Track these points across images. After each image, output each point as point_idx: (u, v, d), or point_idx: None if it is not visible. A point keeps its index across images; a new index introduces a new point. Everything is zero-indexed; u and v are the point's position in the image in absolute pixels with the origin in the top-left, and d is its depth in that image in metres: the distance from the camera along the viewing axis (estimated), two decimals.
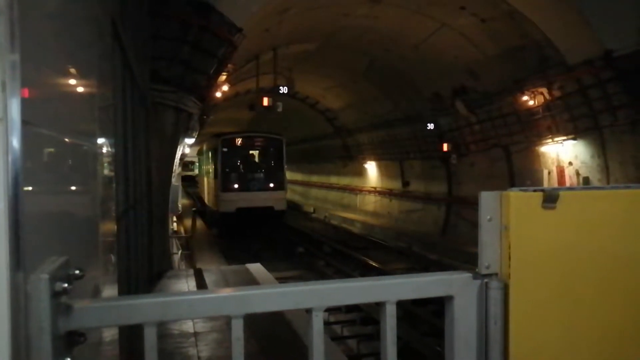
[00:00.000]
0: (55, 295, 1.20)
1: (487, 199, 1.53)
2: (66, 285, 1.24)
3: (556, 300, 1.55)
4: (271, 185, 23.61)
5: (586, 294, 1.58)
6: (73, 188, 2.03)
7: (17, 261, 1.08)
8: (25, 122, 1.14)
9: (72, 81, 2.10)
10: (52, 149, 1.64)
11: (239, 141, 24.20)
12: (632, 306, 1.61)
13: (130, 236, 4.75)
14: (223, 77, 15.10)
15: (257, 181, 23.43)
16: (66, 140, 1.89)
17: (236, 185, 23.10)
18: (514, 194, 1.51)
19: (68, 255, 1.41)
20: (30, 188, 1.29)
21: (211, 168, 25.49)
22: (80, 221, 2.09)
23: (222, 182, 22.95)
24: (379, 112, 23.87)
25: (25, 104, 1.14)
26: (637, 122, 12.55)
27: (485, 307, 1.52)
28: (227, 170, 23.36)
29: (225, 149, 23.57)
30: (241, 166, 23.94)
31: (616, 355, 1.61)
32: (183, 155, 19.44)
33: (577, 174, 14.32)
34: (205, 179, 30.38)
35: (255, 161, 24.68)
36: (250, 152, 24.70)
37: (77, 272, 1.36)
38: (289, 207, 27.52)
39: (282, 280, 13.07)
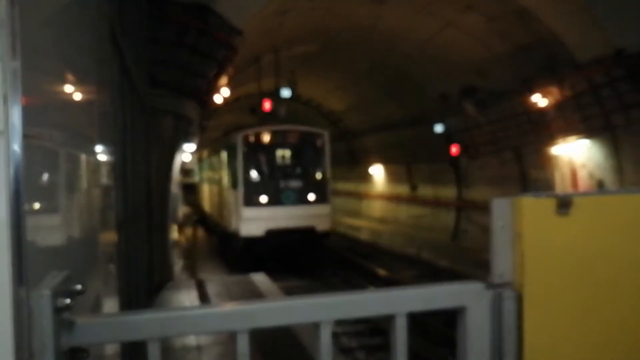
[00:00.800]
0: (58, 311, 1.21)
1: (499, 206, 1.51)
2: (68, 301, 1.24)
3: (572, 310, 1.52)
4: (311, 197, 17.52)
5: (603, 302, 1.54)
6: (74, 200, 2.01)
7: (20, 276, 1.08)
8: (26, 134, 1.13)
9: (72, 89, 2.09)
10: (53, 160, 1.62)
11: (266, 137, 17.95)
12: None
13: (130, 246, 4.71)
14: (223, 81, 15.07)
15: (293, 192, 17.37)
16: (67, 150, 1.87)
17: (265, 198, 17.01)
18: (526, 200, 1.48)
19: (69, 268, 1.40)
20: (32, 201, 1.27)
21: (226, 175, 19.46)
22: (81, 234, 2.07)
23: (245, 194, 17.00)
24: (383, 113, 23.62)
25: (26, 114, 1.13)
26: None
27: (498, 317, 1.49)
28: (252, 177, 17.42)
29: (247, 149, 17.55)
30: (270, 171, 17.79)
31: None
32: (183, 163, 19.34)
33: (591, 175, 14.17)
34: (211, 189, 24.09)
35: (289, 164, 18.24)
36: (283, 152, 18.27)
37: (78, 287, 1.36)
38: None
39: (286, 290, 12.90)
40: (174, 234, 20.21)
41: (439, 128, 20.05)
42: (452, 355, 8.20)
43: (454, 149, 19.60)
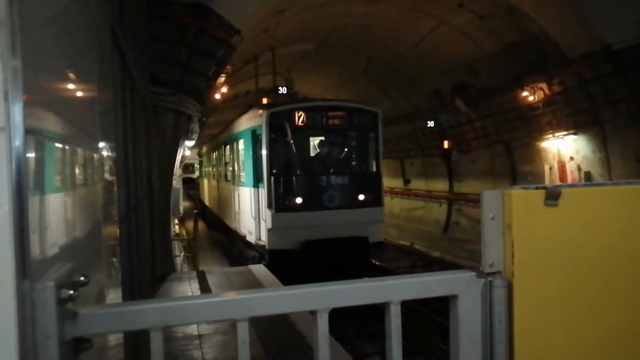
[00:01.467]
0: (61, 302, 1.21)
1: (490, 198, 1.54)
2: (72, 292, 1.25)
3: (560, 298, 1.55)
4: (361, 197, 12.75)
5: (590, 290, 1.58)
6: (76, 194, 2.03)
7: (23, 269, 1.08)
8: (27, 130, 1.14)
9: (73, 86, 2.11)
10: (54, 155, 1.64)
11: (300, 117, 12.71)
12: (637, 302, 1.61)
13: (132, 239, 4.75)
14: (222, 79, 15.09)
15: (338, 191, 12.59)
16: (68, 146, 1.89)
17: (300, 200, 12.36)
18: (515, 192, 1.51)
19: (73, 261, 1.41)
20: (34, 195, 1.29)
21: (241, 169, 14.83)
22: (84, 227, 2.09)
23: (274, 195, 12.24)
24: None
25: (27, 111, 1.14)
26: (638, 115, 12.56)
27: (489, 305, 1.52)
28: (281, 171, 12.57)
29: (274, 133, 12.52)
30: (306, 163, 12.90)
31: (622, 352, 1.61)
32: (183, 158, 19.41)
33: (579, 169, 14.32)
34: (218, 186, 20.20)
35: (330, 154, 13.20)
36: (321, 137, 13.31)
37: (82, 278, 1.36)
38: None
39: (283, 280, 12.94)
40: (176, 227, 20.35)
41: (431, 124, 20.27)
42: (444, 342, 8.34)
43: (446, 144, 19.83)
